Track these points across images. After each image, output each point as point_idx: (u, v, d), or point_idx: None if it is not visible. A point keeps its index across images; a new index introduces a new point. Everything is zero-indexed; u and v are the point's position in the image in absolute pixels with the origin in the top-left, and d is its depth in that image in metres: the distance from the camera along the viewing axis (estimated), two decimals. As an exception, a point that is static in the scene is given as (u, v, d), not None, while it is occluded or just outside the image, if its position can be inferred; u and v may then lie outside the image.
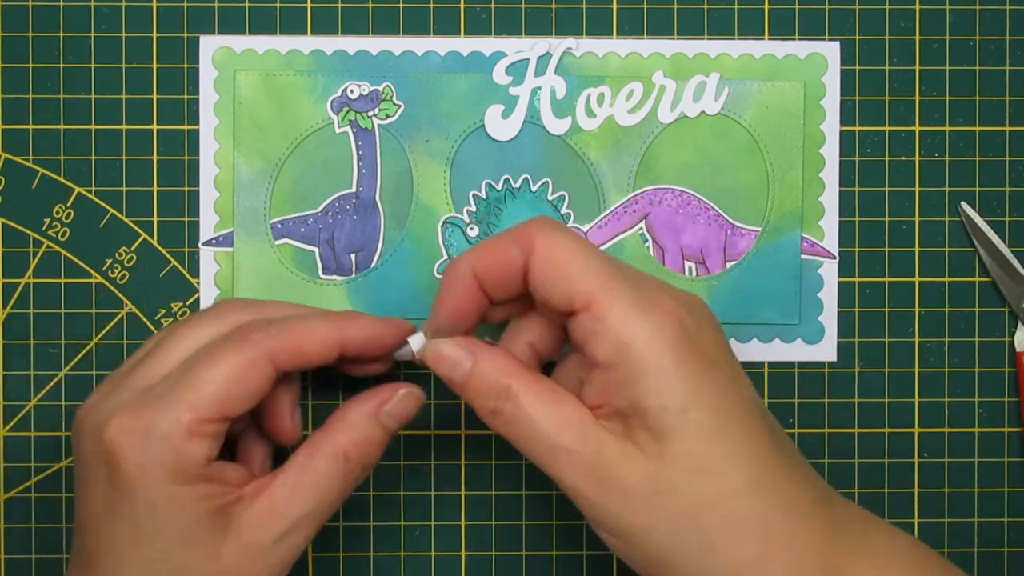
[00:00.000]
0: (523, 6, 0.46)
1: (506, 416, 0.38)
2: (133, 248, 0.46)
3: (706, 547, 0.36)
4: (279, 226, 0.46)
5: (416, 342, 0.41)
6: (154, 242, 0.46)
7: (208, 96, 0.46)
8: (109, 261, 0.46)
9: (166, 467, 0.37)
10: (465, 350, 0.39)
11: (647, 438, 0.36)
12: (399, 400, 0.40)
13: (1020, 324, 0.47)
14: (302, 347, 0.39)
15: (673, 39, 0.46)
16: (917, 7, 0.47)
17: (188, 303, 0.46)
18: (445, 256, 0.46)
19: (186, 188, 0.46)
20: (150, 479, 0.37)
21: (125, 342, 0.46)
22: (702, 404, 0.36)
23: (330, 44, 0.46)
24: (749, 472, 0.36)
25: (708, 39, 0.46)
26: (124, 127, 0.46)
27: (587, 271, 0.37)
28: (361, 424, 0.40)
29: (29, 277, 0.46)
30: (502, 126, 0.46)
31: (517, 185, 0.46)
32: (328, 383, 0.46)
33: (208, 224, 0.46)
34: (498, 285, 0.39)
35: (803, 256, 0.46)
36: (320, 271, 0.46)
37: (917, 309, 0.47)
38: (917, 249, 0.47)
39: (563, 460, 0.37)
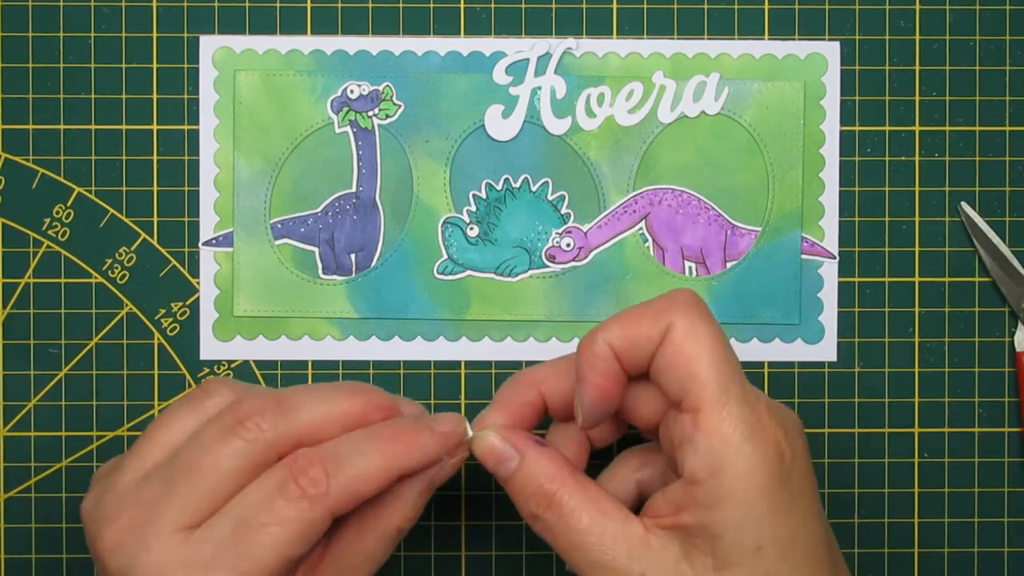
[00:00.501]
0: (523, 6, 0.46)
1: (547, 524, 0.36)
2: (133, 248, 0.46)
3: None
4: (279, 226, 0.46)
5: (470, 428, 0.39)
6: (154, 242, 0.46)
7: (208, 96, 0.46)
8: (109, 261, 0.46)
9: None
10: (513, 446, 0.37)
11: (707, 564, 0.34)
12: (447, 471, 0.38)
13: (1020, 324, 0.47)
14: (361, 494, 0.36)
15: (673, 39, 0.46)
16: (917, 7, 0.47)
17: (188, 303, 0.46)
18: (445, 256, 0.46)
19: (186, 188, 0.46)
20: None
21: (125, 342, 0.46)
22: (777, 544, 0.34)
23: (330, 44, 0.46)
24: None
25: (708, 39, 0.46)
26: (124, 127, 0.46)
27: (710, 374, 0.35)
28: (412, 499, 0.37)
29: (29, 277, 0.46)
30: (502, 126, 0.46)
31: (517, 185, 0.46)
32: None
33: (208, 224, 0.46)
34: (630, 364, 0.37)
35: (803, 256, 0.46)
36: (320, 271, 0.46)
37: (917, 309, 0.47)
38: (917, 249, 0.47)
39: (612, 560, 0.35)
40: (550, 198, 0.46)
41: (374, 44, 0.46)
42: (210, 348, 0.46)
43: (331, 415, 0.37)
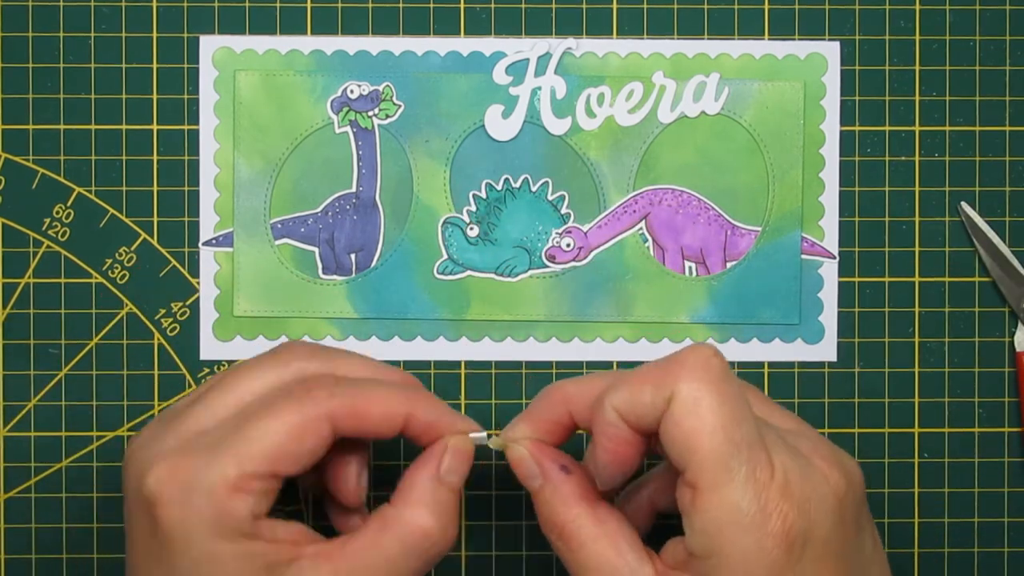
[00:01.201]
0: (523, 6, 0.46)
1: (560, 551, 0.36)
2: (133, 248, 0.46)
3: None
4: (279, 226, 0.46)
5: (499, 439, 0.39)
6: (154, 242, 0.46)
7: (208, 96, 0.46)
8: (109, 261, 0.46)
9: (208, 522, 0.35)
10: (538, 467, 0.37)
11: None
12: (452, 454, 0.38)
13: (1020, 324, 0.47)
14: (365, 414, 0.37)
15: (673, 39, 0.46)
16: (917, 7, 0.47)
17: (188, 303, 0.46)
18: (445, 256, 0.46)
19: (186, 188, 0.46)
20: (190, 534, 0.35)
21: (125, 342, 0.46)
22: None
23: (330, 44, 0.46)
24: None
25: (708, 39, 0.46)
26: (124, 127, 0.46)
27: (709, 453, 0.33)
28: (428, 490, 0.37)
29: (29, 277, 0.46)
30: (502, 126, 0.46)
31: (517, 185, 0.46)
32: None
33: (208, 224, 0.46)
34: (640, 428, 0.35)
35: (803, 256, 0.46)
36: (320, 271, 0.46)
37: (917, 309, 0.47)
38: (917, 249, 0.47)
39: None
40: (550, 198, 0.46)
41: (374, 44, 0.46)
42: (210, 348, 0.46)
43: (390, 414, 0.37)
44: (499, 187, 0.46)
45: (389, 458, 0.47)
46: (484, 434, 0.39)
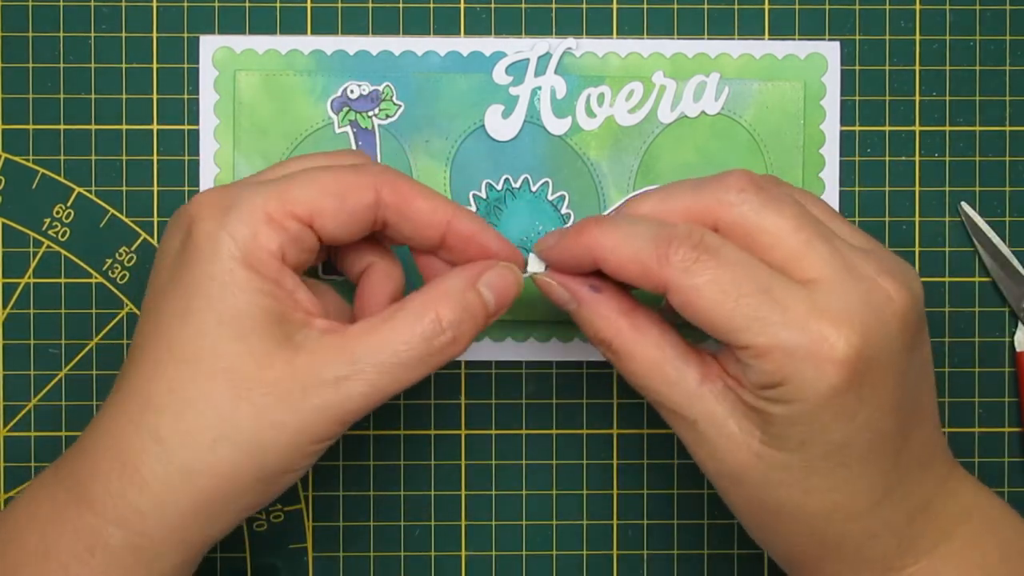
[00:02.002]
0: (523, 6, 0.46)
1: (612, 363, 0.37)
2: (133, 248, 0.46)
3: (767, 541, 0.37)
4: (279, 226, 0.46)
5: (533, 264, 0.39)
6: (154, 242, 0.46)
7: (208, 96, 0.46)
8: (109, 261, 0.46)
9: (237, 242, 0.35)
10: (570, 294, 0.37)
11: (754, 435, 0.35)
12: (499, 271, 0.38)
13: (1020, 324, 0.47)
14: (410, 200, 0.37)
15: (673, 39, 0.46)
16: (917, 7, 0.47)
17: (188, 303, 0.46)
18: (445, 256, 0.46)
19: (186, 188, 0.46)
20: (218, 248, 0.35)
21: (125, 342, 0.46)
22: (824, 445, 0.34)
23: (330, 44, 0.46)
24: (836, 500, 0.35)
25: (708, 39, 0.46)
26: (124, 127, 0.46)
27: (726, 326, 0.34)
28: (458, 288, 0.37)
29: (29, 277, 0.46)
30: (502, 126, 0.46)
31: (517, 185, 0.46)
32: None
33: (208, 224, 0.46)
34: None
35: (803, 256, 0.46)
36: (320, 271, 0.46)
37: (917, 309, 0.47)
38: (917, 249, 0.47)
39: (665, 413, 0.37)
40: (550, 198, 0.46)
41: (374, 44, 0.46)
42: (210, 348, 0.46)
43: (434, 209, 0.38)
44: (499, 187, 0.46)
45: (389, 458, 0.47)
46: (527, 272, 0.39)
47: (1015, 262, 0.46)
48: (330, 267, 0.46)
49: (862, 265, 0.34)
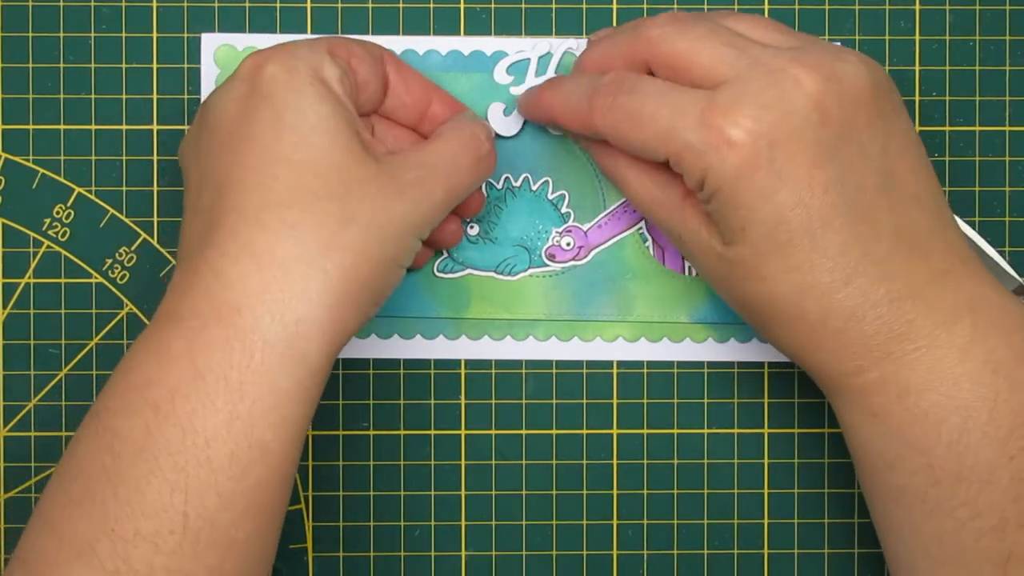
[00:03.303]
0: (523, 6, 0.46)
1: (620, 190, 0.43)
2: (133, 248, 0.46)
3: (771, 339, 0.40)
4: (279, 226, 0.46)
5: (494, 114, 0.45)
6: (154, 242, 0.46)
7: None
8: (109, 261, 0.46)
9: (310, 66, 0.38)
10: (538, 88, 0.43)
11: (718, 239, 0.38)
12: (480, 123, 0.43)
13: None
14: (406, 67, 0.43)
15: (673, 39, 0.46)
16: (917, 7, 0.47)
17: (188, 303, 0.46)
18: (445, 254, 0.46)
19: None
20: (295, 71, 0.38)
21: (125, 342, 0.46)
22: (760, 224, 0.36)
23: (330, 44, 0.46)
24: (798, 280, 0.37)
25: (708, 39, 0.46)
26: (124, 127, 0.46)
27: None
28: (472, 115, 0.43)
29: (29, 277, 0.46)
30: (503, 125, 0.46)
31: (517, 184, 0.46)
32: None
33: (208, 224, 0.46)
34: None
35: (803, 256, 0.46)
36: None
37: (917, 309, 0.47)
38: (917, 249, 0.47)
39: (664, 232, 0.41)
40: (550, 197, 0.46)
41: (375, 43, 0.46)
42: (210, 348, 0.46)
43: (424, 85, 0.44)
44: (499, 186, 0.46)
45: (389, 458, 0.47)
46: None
47: (1005, 265, 0.46)
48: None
49: (773, 60, 0.37)
